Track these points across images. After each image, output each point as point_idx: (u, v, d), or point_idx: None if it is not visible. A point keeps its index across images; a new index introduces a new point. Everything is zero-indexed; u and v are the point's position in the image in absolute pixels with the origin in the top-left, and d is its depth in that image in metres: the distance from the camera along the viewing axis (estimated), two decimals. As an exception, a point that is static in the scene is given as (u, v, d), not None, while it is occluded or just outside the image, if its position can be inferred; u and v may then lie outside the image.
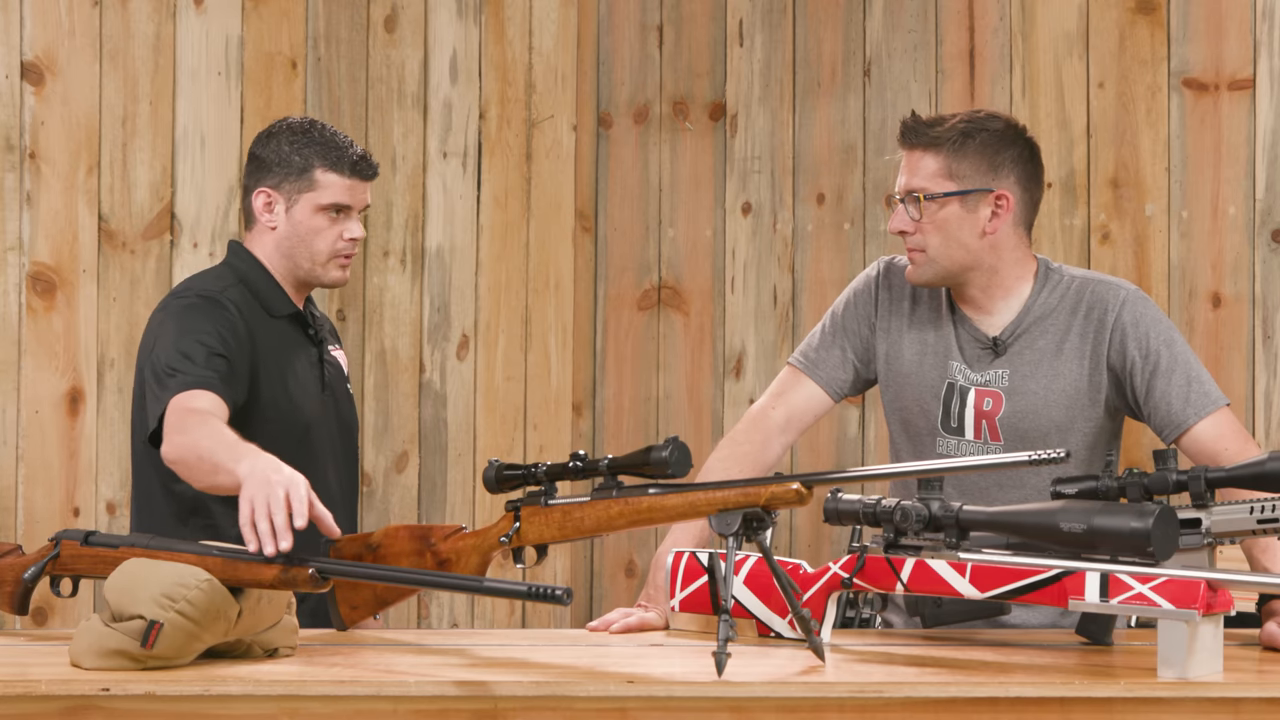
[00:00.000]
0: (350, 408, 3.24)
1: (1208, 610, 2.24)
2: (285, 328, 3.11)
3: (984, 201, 2.83)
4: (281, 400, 3.05)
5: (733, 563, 2.28)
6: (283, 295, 3.11)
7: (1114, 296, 2.84)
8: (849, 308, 2.99)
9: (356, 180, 3.08)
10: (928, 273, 2.86)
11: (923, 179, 2.83)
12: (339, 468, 3.15)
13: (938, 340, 2.90)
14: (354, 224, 3.09)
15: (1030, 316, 2.86)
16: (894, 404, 2.95)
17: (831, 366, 2.96)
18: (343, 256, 3.10)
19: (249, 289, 3.08)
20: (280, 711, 2.16)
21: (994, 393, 2.85)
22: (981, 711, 2.18)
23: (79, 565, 2.52)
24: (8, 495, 4.00)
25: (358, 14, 4.22)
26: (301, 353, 3.12)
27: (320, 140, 3.08)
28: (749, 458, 2.91)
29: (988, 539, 2.47)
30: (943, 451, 2.87)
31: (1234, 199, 4.01)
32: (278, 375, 3.06)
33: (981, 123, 2.84)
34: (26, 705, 2.14)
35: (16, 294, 4.01)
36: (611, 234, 4.39)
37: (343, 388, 3.21)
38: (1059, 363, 2.84)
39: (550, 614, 4.22)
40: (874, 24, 4.27)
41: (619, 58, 4.40)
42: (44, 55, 4.03)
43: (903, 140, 2.87)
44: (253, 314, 3.06)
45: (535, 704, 2.16)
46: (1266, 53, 3.99)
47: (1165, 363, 2.79)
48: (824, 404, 2.98)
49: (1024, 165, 2.86)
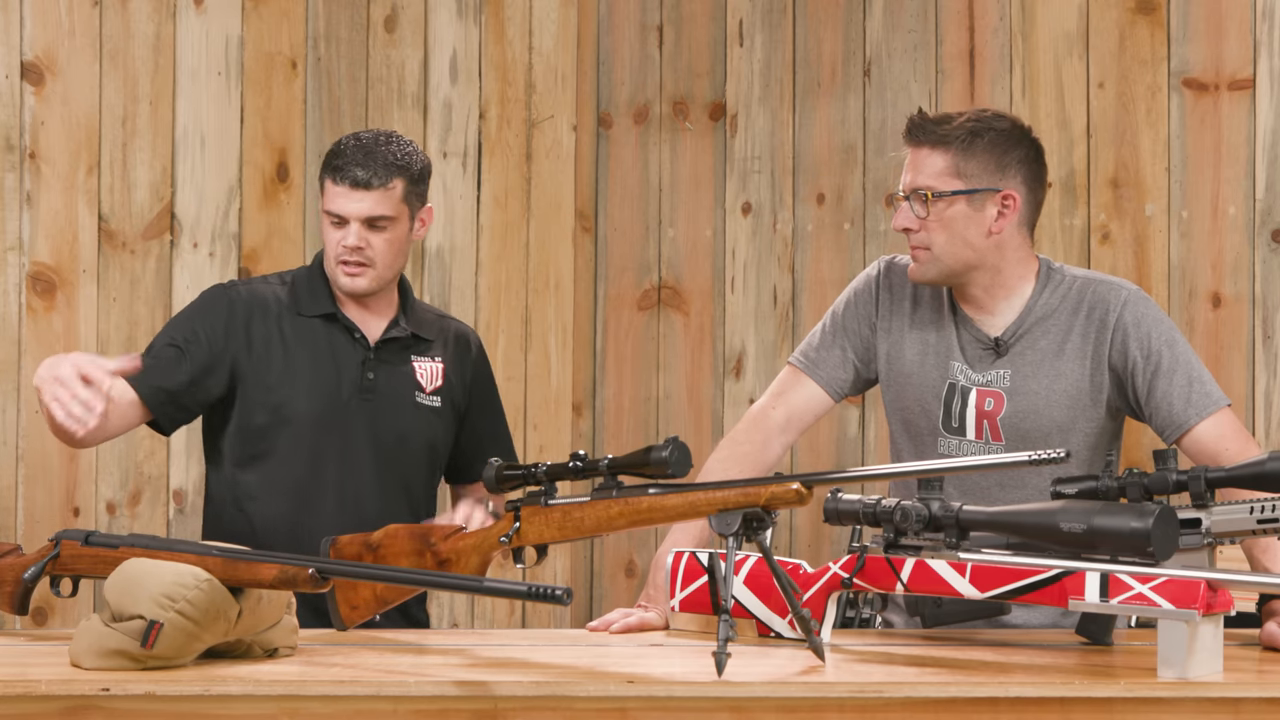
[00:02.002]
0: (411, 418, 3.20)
1: (1208, 610, 2.24)
2: (315, 326, 3.16)
3: (990, 201, 2.83)
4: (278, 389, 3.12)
5: (733, 563, 2.28)
6: (322, 297, 3.18)
7: (1115, 297, 2.84)
8: (849, 307, 2.98)
9: (346, 189, 3.10)
10: (931, 271, 2.85)
11: (929, 177, 2.83)
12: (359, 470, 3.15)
13: (939, 340, 2.90)
14: (350, 233, 3.11)
15: (1032, 317, 2.86)
16: (895, 404, 2.95)
17: (832, 366, 2.96)
18: (343, 263, 3.12)
19: (289, 287, 3.21)
20: (280, 711, 2.16)
21: (995, 393, 2.85)
22: (981, 711, 2.18)
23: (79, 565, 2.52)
24: (8, 495, 4.00)
25: (358, 14, 4.22)
26: (330, 352, 3.15)
27: (340, 150, 3.14)
28: (749, 458, 2.91)
29: (988, 539, 2.47)
30: (944, 451, 2.87)
31: (1234, 199, 4.01)
32: (279, 365, 3.12)
33: (989, 122, 2.83)
34: (26, 705, 2.14)
35: (16, 294, 4.01)
36: (611, 234, 4.39)
37: (403, 398, 3.19)
38: (1060, 363, 2.84)
39: (550, 614, 4.22)
40: (874, 24, 4.27)
41: (619, 58, 4.40)
42: (44, 55, 4.03)
43: (909, 137, 2.86)
44: (266, 308, 3.16)
45: (535, 704, 2.16)
46: (1266, 53, 3.99)
47: (1167, 363, 2.79)
48: (824, 404, 2.98)
49: (1030, 166, 2.86)
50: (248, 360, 3.12)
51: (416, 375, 3.21)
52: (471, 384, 3.29)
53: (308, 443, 3.12)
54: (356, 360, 3.16)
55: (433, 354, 3.24)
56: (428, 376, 3.22)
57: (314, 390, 3.13)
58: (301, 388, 3.13)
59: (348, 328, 3.17)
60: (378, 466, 3.17)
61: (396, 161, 3.12)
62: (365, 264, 3.12)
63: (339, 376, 3.15)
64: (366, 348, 3.17)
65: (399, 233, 3.14)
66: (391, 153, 3.12)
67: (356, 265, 3.12)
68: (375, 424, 3.16)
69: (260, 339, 3.13)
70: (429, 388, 3.22)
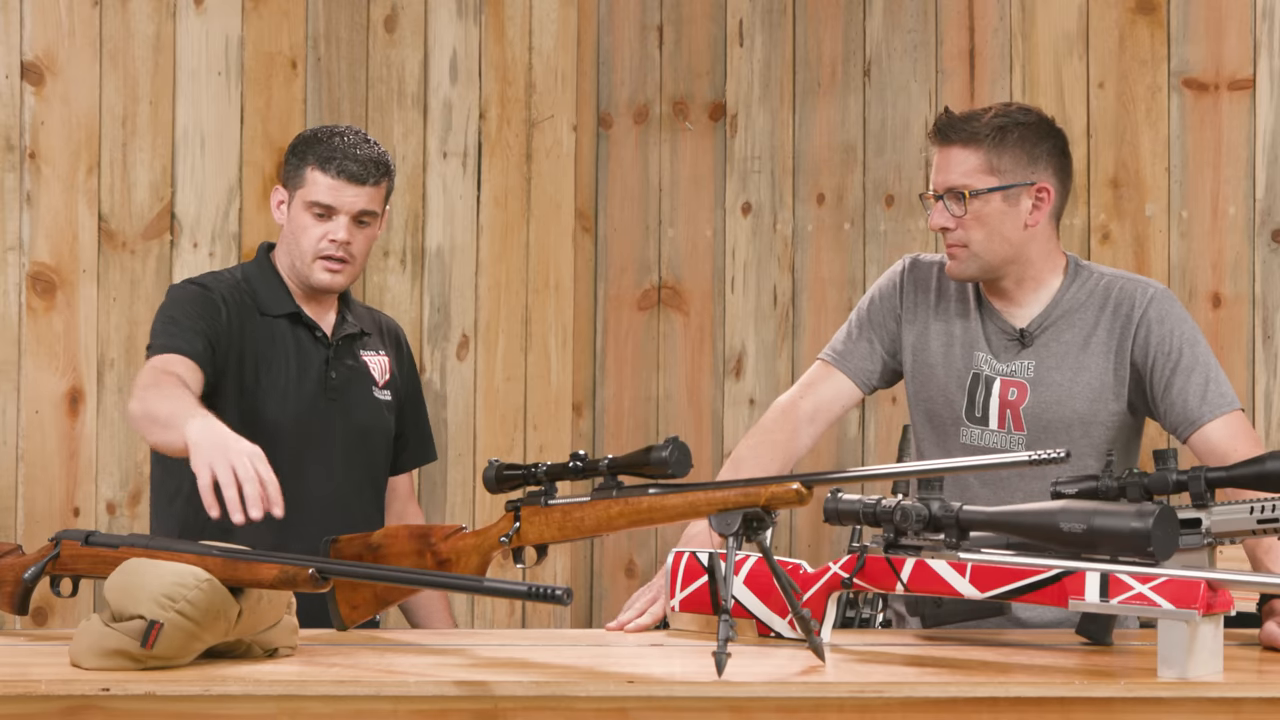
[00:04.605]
0: (371, 413, 3.19)
1: (1208, 610, 2.24)
2: (280, 327, 3.11)
3: (1025, 194, 2.85)
4: (253, 394, 3.06)
5: (733, 563, 2.28)
6: (281, 295, 3.12)
7: (1142, 294, 2.86)
8: (875, 302, 3.00)
9: (342, 182, 3.06)
10: (971, 267, 2.87)
11: (963, 175, 2.84)
12: (335, 471, 3.13)
13: (964, 331, 2.92)
14: (338, 226, 3.07)
15: (1059, 310, 2.87)
16: (919, 394, 2.96)
17: (860, 358, 2.98)
18: (325, 258, 3.08)
19: (249, 285, 3.11)
20: (280, 711, 2.16)
21: (1019, 383, 2.86)
22: (981, 711, 2.18)
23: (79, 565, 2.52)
24: (8, 495, 4.00)
25: (358, 14, 4.22)
26: (296, 353, 3.11)
27: (324, 141, 3.09)
28: (779, 446, 2.94)
29: (988, 539, 2.47)
30: (966, 442, 2.88)
31: (1234, 199, 4.01)
32: (255, 371, 3.07)
33: (1016, 116, 2.86)
34: (26, 705, 2.14)
35: (16, 294, 4.01)
36: (611, 234, 4.39)
37: (363, 393, 3.17)
38: (1085, 356, 2.85)
39: (550, 614, 4.22)
40: (874, 24, 4.27)
41: (619, 58, 4.40)
42: (44, 55, 4.03)
43: (938, 137, 2.87)
44: (242, 309, 3.08)
45: (535, 704, 2.16)
46: (1266, 53, 3.99)
47: (1186, 360, 2.81)
48: (853, 396, 3.00)
49: (1059, 157, 2.89)
50: (242, 361, 3.07)
51: (370, 370, 3.20)
52: (407, 375, 3.29)
53: (286, 444, 3.04)
54: (320, 359, 3.13)
55: (377, 348, 3.23)
56: (379, 370, 3.21)
57: (288, 393, 3.09)
58: (276, 392, 3.08)
59: (309, 326, 3.13)
60: (349, 465, 3.15)
61: (385, 160, 3.12)
62: (346, 260, 3.10)
63: (308, 377, 3.12)
64: (326, 346, 3.14)
65: (375, 231, 3.14)
66: (379, 151, 3.12)
67: (339, 261, 3.09)
68: (343, 422, 3.14)
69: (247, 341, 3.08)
70: (381, 381, 3.22)
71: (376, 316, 3.30)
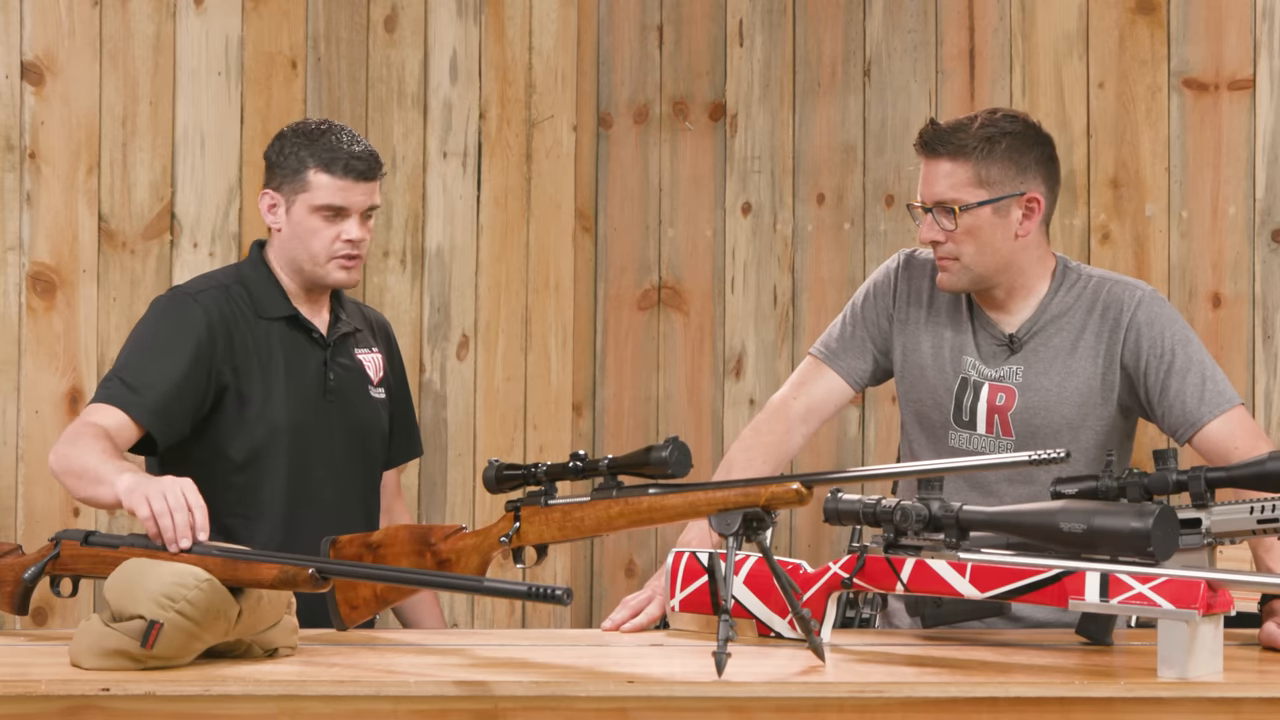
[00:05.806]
0: (369, 413, 3.18)
1: (1208, 610, 2.24)
2: (280, 329, 3.08)
3: (1015, 205, 2.83)
4: (254, 401, 3.03)
5: (733, 563, 2.28)
6: (279, 297, 3.10)
7: (1130, 296, 2.85)
8: (868, 299, 3.00)
9: (351, 181, 3.04)
10: (962, 280, 2.86)
11: (952, 189, 2.81)
12: (338, 473, 3.13)
13: (954, 336, 2.91)
14: (352, 225, 3.05)
15: (1047, 315, 2.87)
16: (909, 396, 2.96)
17: (851, 356, 2.98)
18: (342, 258, 3.07)
19: (245, 289, 3.08)
20: (280, 711, 2.16)
21: (1007, 388, 2.86)
22: (981, 711, 2.18)
23: (79, 565, 2.52)
24: (8, 495, 4.00)
25: (358, 14, 4.22)
26: (297, 355, 3.09)
27: (319, 141, 3.06)
28: (772, 446, 2.93)
29: (988, 539, 2.47)
30: (955, 445, 2.88)
31: (1234, 199, 4.01)
32: (258, 375, 3.04)
33: (1003, 126, 2.82)
34: (26, 705, 2.14)
35: (16, 294, 4.01)
36: (611, 234, 4.39)
37: (360, 393, 3.16)
38: (1073, 361, 2.84)
39: (550, 614, 4.22)
40: (874, 24, 4.27)
41: (619, 58, 4.40)
42: (44, 55, 4.03)
43: (924, 149, 2.84)
44: (236, 314, 3.05)
45: (535, 704, 2.16)
46: (1266, 53, 3.99)
47: (1180, 362, 2.79)
48: (844, 394, 2.99)
49: (1047, 165, 2.87)
50: (231, 375, 3.03)
51: (366, 369, 3.19)
52: (397, 372, 3.29)
53: (294, 448, 3.06)
54: (319, 361, 3.11)
55: (369, 345, 3.22)
56: (373, 369, 3.20)
57: (288, 398, 3.07)
58: (277, 397, 3.06)
59: (306, 328, 3.11)
60: (350, 466, 3.15)
61: (377, 151, 3.11)
62: (359, 255, 3.09)
63: (307, 381, 3.09)
64: (323, 346, 3.12)
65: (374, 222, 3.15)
66: (369, 144, 3.11)
67: (353, 259, 3.08)
68: (343, 424, 3.13)
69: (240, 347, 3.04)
70: (375, 379, 3.20)
71: (365, 312, 3.29)
